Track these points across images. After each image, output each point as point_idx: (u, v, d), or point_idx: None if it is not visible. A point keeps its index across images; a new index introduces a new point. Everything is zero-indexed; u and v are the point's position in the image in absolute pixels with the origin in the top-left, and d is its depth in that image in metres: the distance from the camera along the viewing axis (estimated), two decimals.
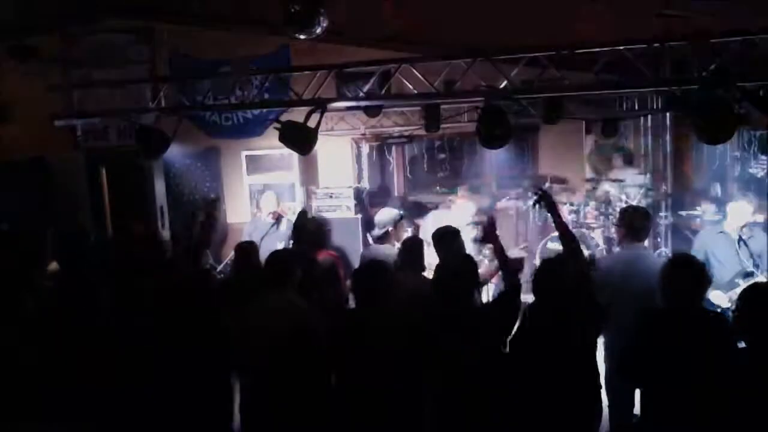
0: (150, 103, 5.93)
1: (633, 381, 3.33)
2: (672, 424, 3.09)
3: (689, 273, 3.17)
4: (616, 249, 6.89)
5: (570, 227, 7.32)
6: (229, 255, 7.79)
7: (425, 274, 4.42)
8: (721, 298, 4.51)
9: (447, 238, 4.46)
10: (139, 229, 6.17)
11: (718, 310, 4.56)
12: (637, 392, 3.94)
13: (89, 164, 8.62)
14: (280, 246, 6.47)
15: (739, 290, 4.19)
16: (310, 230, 5.23)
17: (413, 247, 4.58)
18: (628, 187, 7.55)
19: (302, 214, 5.75)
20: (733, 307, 4.25)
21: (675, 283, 3.15)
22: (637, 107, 7.30)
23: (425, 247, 4.63)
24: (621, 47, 4.48)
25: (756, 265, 4.68)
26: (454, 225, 4.69)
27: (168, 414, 3.46)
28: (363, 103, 5.91)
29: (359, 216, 7.93)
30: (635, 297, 3.76)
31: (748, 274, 4.62)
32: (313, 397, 3.47)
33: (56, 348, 3.52)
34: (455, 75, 5.03)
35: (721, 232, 4.94)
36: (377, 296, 3.44)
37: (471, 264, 3.58)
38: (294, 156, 8.01)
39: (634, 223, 4.21)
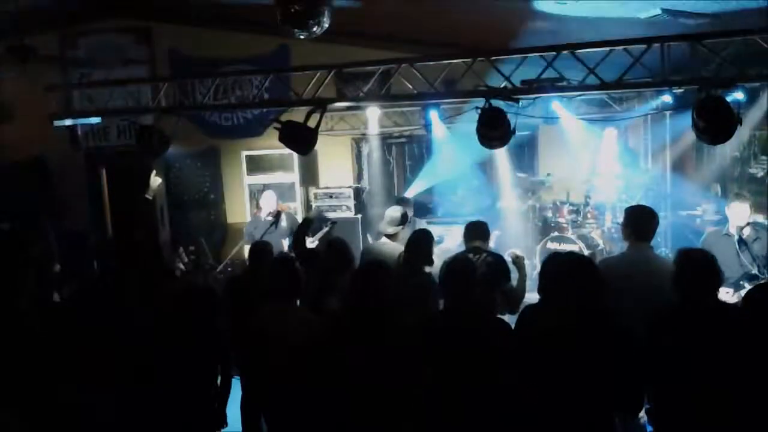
0: (150, 103, 5.93)
1: (647, 380, 3.26)
2: (690, 421, 3.05)
3: (705, 266, 3.12)
4: (615, 250, 6.92)
5: (570, 227, 7.42)
6: (229, 255, 7.84)
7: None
8: (728, 295, 4.45)
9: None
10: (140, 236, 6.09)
11: None
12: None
13: (89, 164, 8.63)
14: (285, 243, 6.48)
15: (744, 293, 4.19)
16: (336, 250, 4.71)
17: (420, 242, 4.57)
18: (629, 187, 7.54)
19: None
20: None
21: (691, 277, 3.10)
22: (636, 107, 7.30)
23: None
24: (621, 47, 4.49)
25: (758, 267, 4.64)
26: None
27: (161, 415, 3.46)
28: (363, 103, 5.91)
29: (359, 216, 7.95)
30: (641, 297, 3.70)
31: (752, 277, 4.57)
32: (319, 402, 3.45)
33: (53, 347, 3.52)
34: (455, 75, 5.03)
35: (725, 234, 4.90)
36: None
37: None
38: (294, 156, 8.01)
39: (639, 223, 4.14)
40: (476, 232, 4.71)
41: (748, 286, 4.34)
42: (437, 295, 4.33)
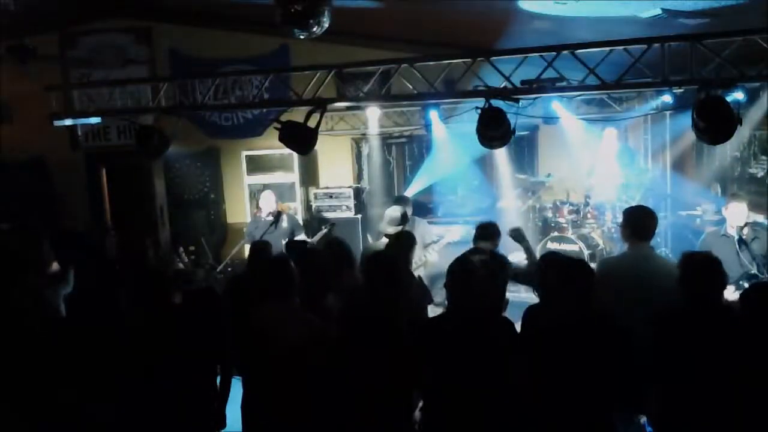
0: (150, 103, 5.93)
1: (650, 380, 3.25)
2: (691, 423, 3.05)
3: (709, 268, 3.13)
4: (615, 250, 6.92)
5: (570, 227, 7.42)
6: (229, 255, 7.84)
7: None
8: (731, 295, 4.45)
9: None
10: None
11: None
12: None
13: (89, 164, 8.63)
14: (284, 243, 6.48)
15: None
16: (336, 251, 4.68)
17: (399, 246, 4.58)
18: (628, 187, 7.54)
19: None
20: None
21: (695, 278, 3.11)
22: (637, 107, 7.30)
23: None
24: (621, 47, 4.49)
25: (758, 267, 4.64)
26: None
27: (161, 415, 3.47)
28: (363, 103, 5.92)
29: (359, 216, 7.95)
30: (641, 297, 3.70)
31: (752, 277, 4.57)
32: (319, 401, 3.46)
33: (53, 347, 3.52)
34: (455, 75, 5.03)
35: (723, 234, 4.90)
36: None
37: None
38: (294, 156, 8.01)
39: (638, 223, 4.12)
40: (481, 233, 4.75)
41: (747, 286, 4.35)
42: (424, 298, 4.36)
